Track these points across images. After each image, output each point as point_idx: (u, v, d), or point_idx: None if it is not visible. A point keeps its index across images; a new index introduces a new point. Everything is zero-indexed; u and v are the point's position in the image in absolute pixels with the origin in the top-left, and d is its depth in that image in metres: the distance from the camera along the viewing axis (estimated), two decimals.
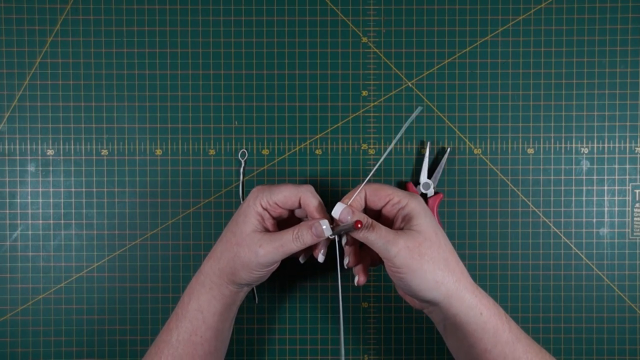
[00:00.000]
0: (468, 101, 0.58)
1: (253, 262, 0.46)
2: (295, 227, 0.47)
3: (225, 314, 0.49)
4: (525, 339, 0.46)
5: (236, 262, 0.47)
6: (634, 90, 0.58)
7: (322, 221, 0.46)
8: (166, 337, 0.49)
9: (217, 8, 0.58)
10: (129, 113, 0.58)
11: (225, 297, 0.48)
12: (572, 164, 0.58)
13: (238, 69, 0.58)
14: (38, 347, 0.58)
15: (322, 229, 0.46)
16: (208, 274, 0.48)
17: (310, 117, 0.58)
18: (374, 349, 0.59)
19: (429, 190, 0.57)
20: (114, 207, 0.58)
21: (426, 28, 0.58)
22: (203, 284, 0.48)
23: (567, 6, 0.57)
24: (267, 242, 0.46)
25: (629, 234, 0.58)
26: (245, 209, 0.47)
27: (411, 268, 0.44)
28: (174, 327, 0.49)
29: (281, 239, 0.46)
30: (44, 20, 0.58)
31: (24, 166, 0.58)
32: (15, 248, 0.58)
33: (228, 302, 0.49)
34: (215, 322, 0.48)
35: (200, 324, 0.48)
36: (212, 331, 0.48)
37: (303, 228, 0.46)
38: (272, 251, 0.46)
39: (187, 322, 0.48)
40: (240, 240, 0.47)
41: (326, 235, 0.46)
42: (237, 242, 0.47)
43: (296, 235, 0.46)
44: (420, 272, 0.44)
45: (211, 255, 0.49)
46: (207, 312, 0.48)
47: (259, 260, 0.46)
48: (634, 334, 0.58)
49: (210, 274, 0.48)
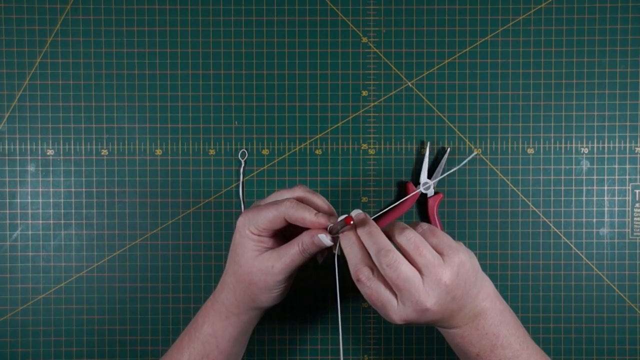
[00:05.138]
0: (468, 101, 0.58)
1: (271, 282, 0.46)
2: (299, 238, 0.45)
3: (240, 338, 0.49)
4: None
5: (253, 289, 0.46)
6: (634, 90, 0.58)
7: (320, 236, 0.44)
8: (178, 355, 0.48)
9: (217, 8, 0.58)
10: (129, 113, 0.58)
11: (244, 323, 0.48)
12: (572, 164, 0.58)
13: (238, 69, 0.58)
14: (38, 347, 0.58)
15: (322, 242, 0.45)
16: (225, 303, 0.48)
17: (310, 117, 0.58)
18: (374, 349, 0.59)
19: (429, 190, 0.57)
20: (114, 207, 0.58)
21: (426, 28, 0.58)
22: (219, 311, 0.48)
23: (567, 6, 0.57)
24: (277, 260, 0.45)
25: (629, 234, 0.58)
26: (239, 240, 0.46)
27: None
28: (186, 347, 0.48)
29: (289, 253, 0.45)
30: (44, 20, 0.58)
31: (24, 166, 0.58)
32: (15, 248, 0.58)
33: (246, 328, 0.49)
34: (229, 347, 0.48)
35: (214, 349, 0.48)
36: (224, 356, 0.48)
37: (306, 240, 0.45)
38: (285, 268, 0.45)
39: (199, 344, 0.48)
40: (249, 268, 0.46)
41: (328, 245, 0.45)
42: (247, 271, 0.46)
43: (302, 249, 0.45)
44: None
45: (223, 286, 0.48)
46: (221, 338, 0.48)
47: (276, 279, 0.45)
48: (634, 334, 0.58)
49: (227, 304, 0.48)
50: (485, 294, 0.45)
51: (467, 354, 0.46)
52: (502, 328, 0.45)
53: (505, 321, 0.46)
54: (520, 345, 0.45)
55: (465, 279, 0.43)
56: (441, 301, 0.42)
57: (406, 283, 0.41)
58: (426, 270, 0.42)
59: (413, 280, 0.41)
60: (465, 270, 0.43)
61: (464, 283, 0.43)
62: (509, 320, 0.46)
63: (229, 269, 0.48)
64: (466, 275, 0.43)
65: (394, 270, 0.41)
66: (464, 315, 0.44)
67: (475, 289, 0.44)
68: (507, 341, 0.45)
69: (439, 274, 0.42)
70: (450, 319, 0.44)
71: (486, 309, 0.45)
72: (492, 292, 0.46)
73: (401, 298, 0.42)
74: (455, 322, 0.45)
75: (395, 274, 0.41)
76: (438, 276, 0.42)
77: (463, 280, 0.43)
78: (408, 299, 0.42)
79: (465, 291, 0.43)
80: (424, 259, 0.42)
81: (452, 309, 0.43)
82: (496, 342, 0.45)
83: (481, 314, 0.45)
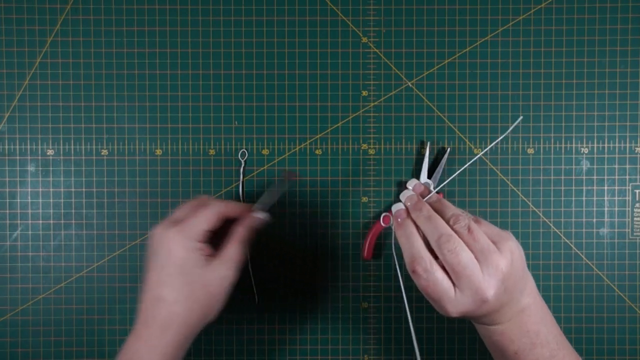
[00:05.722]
0: (468, 101, 0.58)
1: (227, 287, 0.46)
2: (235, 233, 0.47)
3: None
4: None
5: (211, 302, 0.45)
6: (634, 90, 0.58)
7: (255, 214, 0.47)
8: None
9: (217, 8, 0.58)
10: (129, 113, 0.58)
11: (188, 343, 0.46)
12: (572, 164, 0.58)
13: (238, 69, 0.58)
14: (38, 347, 0.58)
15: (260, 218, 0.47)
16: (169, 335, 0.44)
17: (310, 117, 0.58)
18: (374, 349, 0.59)
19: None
20: (114, 207, 0.58)
21: (426, 28, 0.58)
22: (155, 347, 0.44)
23: (567, 6, 0.57)
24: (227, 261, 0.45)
25: (629, 234, 0.58)
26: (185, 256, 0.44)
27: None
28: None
29: (234, 250, 0.46)
30: (44, 20, 0.58)
31: (24, 166, 0.58)
32: (15, 248, 0.58)
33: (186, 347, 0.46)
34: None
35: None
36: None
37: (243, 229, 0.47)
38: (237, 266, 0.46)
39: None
40: (205, 281, 0.44)
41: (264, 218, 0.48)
42: (204, 284, 0.44)
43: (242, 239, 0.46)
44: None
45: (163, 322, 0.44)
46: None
47: (231, 281, 0.46)
48: (634, 334, 0.58)
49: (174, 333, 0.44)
50: (530, 289, 0.44)
51: (504, 352, 0.44)
52: (542, 326, 0.44)
53: (545, 319, 0.45)
54: (558, 344, 0.44)
55: (517, 268, 0.42)
56: (498, 292, 0.41)
57: (466, 270, 0.40)
58: (482, 256, 0.41)
59: (473, 268, 0.40)
60: (516, 258, 0.42)
61: (516, 273, 0.42)
62: (548, 318, 0.45)
63: (172, 297, 0.44)
64: (518, 265, 0.42)
65: (455, 256, 0.40)
66: (509, 309, 0.43)
67: (523, 282, 0.43)
68: (546, 340, 0.44)
69: (495, 261, 0.41)
70: (497, 313, 0.43)
71: (530, 304, 0.44)
72: (535, 288, 0.45)
73: (460, 286, 0.41)
74: (500, 316, 0.43)
75: (457, 260, 0.40)
76: (495, 263, 0.41)
77: (516, 270, 0.42)
78: (467, 287, 0.40)
79: (514, 282, 0.42)
80: (479, 244, 0.41)
81: (502, 301, 0.42)
82: (536, 340, 0.43)
83: (525, 310, 0.44)
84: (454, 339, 0.58)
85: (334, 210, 0.58)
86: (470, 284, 0.40)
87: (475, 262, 0.41)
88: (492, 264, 0.41)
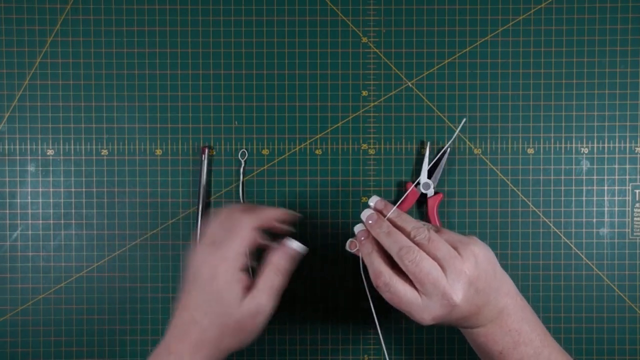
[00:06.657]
0: (468, 101, 0.58)
1: (263, 321, 0.45)
2: (269, 265, 0.46)
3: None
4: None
5: (242, 336, 0.45)
6: (634, 90, 0.58)
7: (289, 243, 0.45)
8: None
9: (217, 8, 0.58)
10: (129, 113, 0.58)
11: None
12: (572, 164, 0.58)
13: (238, 69, 0.58)
14: (38, 347, 0.58)
15: (296, 249, 0.45)
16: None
17: (310, 117, 0.58)
18: (374, 349, 0.59)
19: (429, 190, 0.57)
20: (114, 207, 0.58)
21: (426, 28, 0.58)
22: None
23: (567, 6, 0.57)
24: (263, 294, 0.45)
25: (629, 234, 0.58)
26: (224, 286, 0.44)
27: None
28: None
29: (270, 283, 0.45)
30: (44, 20, 0.58)
31: (24, 166, 0.58)
32: (15, 248, 0.58)
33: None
34: None
35: None
36: None
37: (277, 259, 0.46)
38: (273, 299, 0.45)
39: None
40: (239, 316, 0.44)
41: (301, 249, 0.46)
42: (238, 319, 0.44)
43: (276, 270, 0.45)
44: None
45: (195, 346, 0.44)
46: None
47: (267, 316, 0.45)
48: (634, 334, 0.58)
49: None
50: (506, 290, 0.45)
51: (490, 353, 0.46)
52: (524, 325, 0.45)
53: (527, 318, 0.46)
54: (542, 342, 0.46)
55: (485, 269, 0.43)
56: (467, 295, 0.42)
57: (429, 276, 0.41)
58: (445, 262, 0.42)
59: (436, 273, 0.41)
60: (481, 261, 0.43)
61: (485, 274, 0.43)
62: (530, 317, 0.46)
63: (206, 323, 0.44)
64: (484, 266, 0.43)
65: (416, 265, 0.41)
66: (488, 311, 0.44)
67: (497, 282, 0.44)
68: (529, 338, 0.45)
69: (458, 266, 0.42)
70: (476, 316, 0.44)
71: (508, 305, 0.45)
72: (513, 289, 0.46)
73: (426, 293, 0.42)
74: (481, 319, 0.45)
75: (418, 268, 0.41)
76: (458, 268, 0.42)
77: (483, 271, 0.43)
78: (434, 292, 0.41)
79: (486, 283, 0.43)
80: (440, 252, 0.42)
81: (477, 303, 0.43)
82: (519, 338, 0.45)
83: (504, 310, 0.45)
84: (454, 339, 0.58)
85: (334, 211, 0.58)
86: (435, 289, 0.41)
87: (438, 268, 0.42)
88: (455, 269, 0.42)
